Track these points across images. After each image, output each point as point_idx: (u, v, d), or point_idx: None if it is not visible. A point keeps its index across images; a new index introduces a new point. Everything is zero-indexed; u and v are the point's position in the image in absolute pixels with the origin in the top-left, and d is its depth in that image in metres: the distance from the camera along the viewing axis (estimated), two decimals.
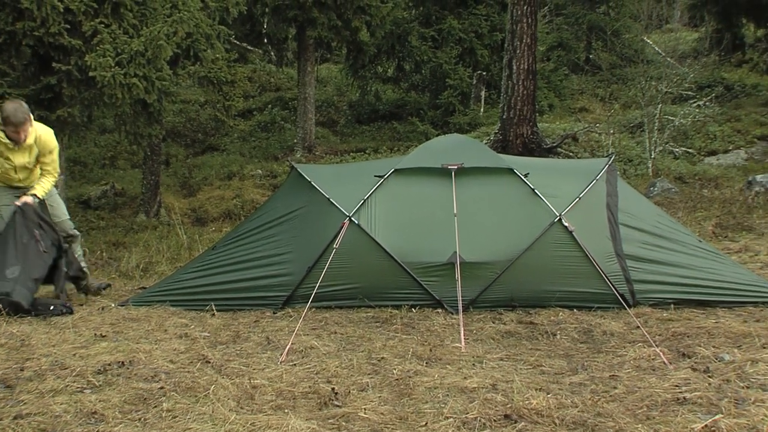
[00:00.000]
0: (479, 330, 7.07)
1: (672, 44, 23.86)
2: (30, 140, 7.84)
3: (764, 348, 5.98)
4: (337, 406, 5.06)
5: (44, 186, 8.07)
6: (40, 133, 7.93)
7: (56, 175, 8.23)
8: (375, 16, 20.88)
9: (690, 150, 18.97)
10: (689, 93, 21.03)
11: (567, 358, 6.20)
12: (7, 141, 7.81)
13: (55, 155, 8.14)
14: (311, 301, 7.27)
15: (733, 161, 18.57)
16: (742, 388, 5.13)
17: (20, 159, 7.94)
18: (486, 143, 16.97)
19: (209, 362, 5.95)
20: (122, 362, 5.81)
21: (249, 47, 22.80)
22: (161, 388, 5.28)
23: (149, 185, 16.15)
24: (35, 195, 7.94)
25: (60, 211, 8.34)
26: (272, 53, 27.56)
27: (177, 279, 8.36)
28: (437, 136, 16.15)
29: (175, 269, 9.71)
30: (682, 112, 19.55)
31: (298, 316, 7.14)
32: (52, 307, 7.46)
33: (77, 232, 8.57)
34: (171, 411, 4.88)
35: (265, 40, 22.62)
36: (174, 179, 19.37)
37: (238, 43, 19.55)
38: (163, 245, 12.50)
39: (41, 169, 8.09)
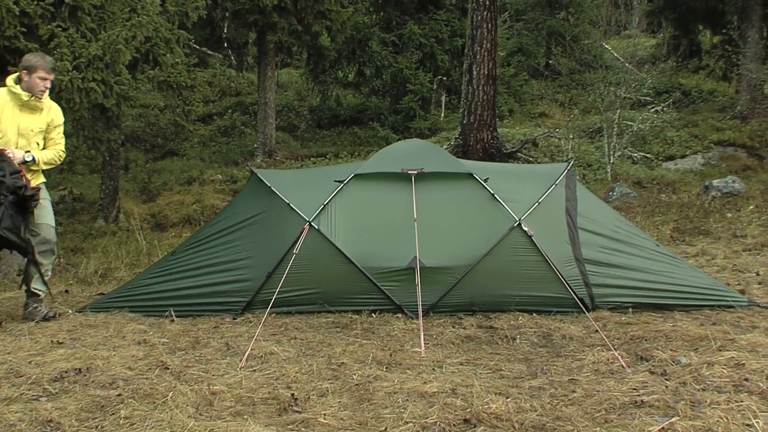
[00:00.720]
0: (439, 335, 7.07)
1: (630, 50, 24.10)
2: (47, 102, 7.39)
3: (720, 351, 6.04)
4: (297, 411, 5.03)
5: (46, 155, 7.42)
6: (53, 102, 7.54)
7: (62, 155, 7.63)
8: (335, 21, 20.88)
9: (648, 155, 19.16)
10: (647, 98, 21.23)
11: (526, 363, 6.22)
12: (24, 94, 7.18)
13: (62, 133, 7.56)
14: (271, 307, 7.24)
15: (691, 166, 18.79)
16: (698, 390, 5.18)
17: (28, 122, 7.26)
18: (446, 148, 17.03)
19: (168, 368, 5.90)
20: (79, 369, 5.75)
21: (209, 52, 22.74)
22: (119, 395, 5.23)
23: (108, 190, 16.01)
24: (30, 152, 7.25)
25: (48, 214, 7.62)
26: (232, 58, 27.50)
27: (136, 285, 8.30)
28: (398, 140, 16.17)
29: (134, 275, 9.64)
30: (640, 118, 19.73)
31: (258, 322, 7.11)
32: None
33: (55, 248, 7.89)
34: (129, 418, 4.83)
35: (226, 45, 22.58)
36: (133, 184, 19.23)
37: (197, 47, 19.47)
38: (122, 251, 12.40)
39: (47, 144, 7.46)
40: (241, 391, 5.37)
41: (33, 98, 7.21)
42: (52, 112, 7.46)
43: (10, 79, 7.25)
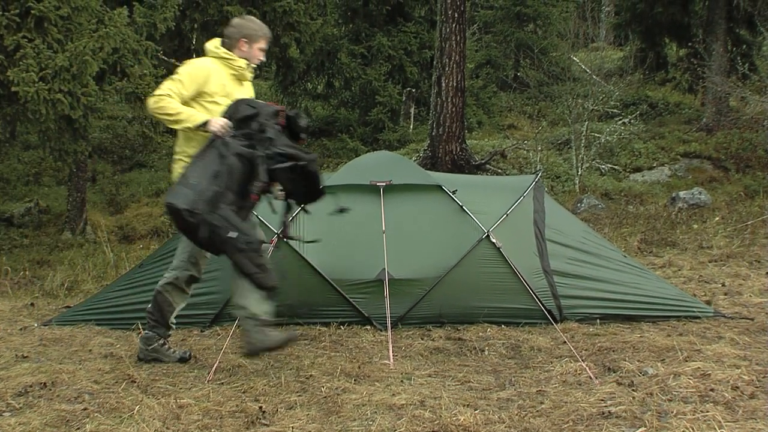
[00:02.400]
0: (408, 346, 7.08)
1: (598, 62, 24.23)
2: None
3: (686, 361, 6.08)
4: (265, 424, 5.02)
5: None
6: None
7: None
8: (304, 33, 20.83)
9: (616, 167, 19.28)
10: (615, 110, 21.39)
11: (495, 374, 6.23)
12: (241, 61, 6.46)
13: None
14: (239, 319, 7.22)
15: (658, 178, 18.92)
16: (665, 401, 5.22)
17: (238, 93, 6.45)
18: (415, 160, 17.07)
19: (135, 382, 5.86)
20: (44, 383, 5.70)
21: (177, 63, 22.58)
22: (85, 409, 5.19)
23: (75, 202, 15.88)
24: None
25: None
26: None
27: (103, 297, 8.24)
28: (367, 152, 16.19)
29: (101, 288, 9.57)
30: (608, 129, 19.86)
31: (226, 335, 7.08)
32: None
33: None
34: None
35: (194, 56, 22.45)
36: (101, 196, 19.10)
37: (166, 59, 19.27)
38: (89, 263, 12.30)
39: None
40: (208, 404, 5.35)
41: (248, 67, 6.54)
42: (251, 86, 6.80)
43: (214, 45, 6.51)
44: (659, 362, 6.14)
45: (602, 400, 5.33)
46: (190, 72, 6.21)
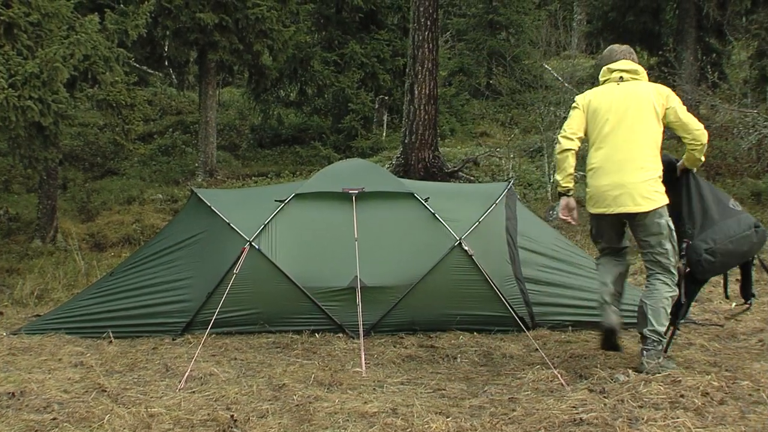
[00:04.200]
0: (380, 354, 7.09)
1: (570, 70, 24.31)
2: None
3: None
4: None
5: None
6: None
7: None
8: (277, 40, 20.81)
9: (585, 174, 19.33)
10: None
11: (467, 382, 6.24)
12: None
13: None
14: (211, 327, 7.18)
15: None
16: (636, 407, 5.24)
17: None
18: (388, 167, 17.05)
19: (105, 391, 5.83)
20: (12, 393, 5.66)
21: (149, 70, 22.44)
22: (54, 419, 5.15)
23: (45, 210, 15.73)
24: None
25: None
26: (173, 76, 27.21)
27: (73, 306, 8.19)
28: (340, 160, 16.16)
29: (72, 296, 9.50)
30: None
31: (198, 343, 7.04)
32: None
33: None
34: None
35: (166, 63, 22.29)
36: (71, 204, 18.94)
37: (138, 66, 19.21)
38: (60, 271, 12.20)
39: None
40: (179, 413, 5.32)
41: None
42: None
43: None
44: (630, 369, 6.16)
45: (574, 407, 5.34)
46: None
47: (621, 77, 6.51)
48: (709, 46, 23.31)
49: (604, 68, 6.63)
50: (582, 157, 6.63)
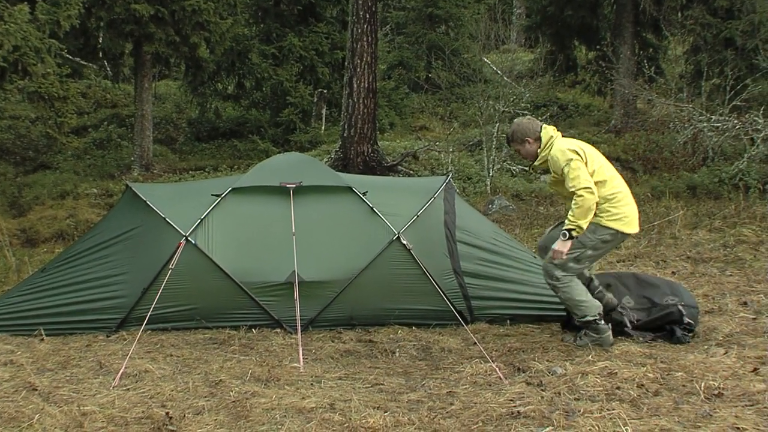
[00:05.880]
0: (318, 349, 7.08)
1: (509, 64, 24.40)
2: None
3: (594, 360, 6.19)
4: (172, 430, 4.97)
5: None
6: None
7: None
8: (214, 33, 20.66)
9: (527, 168, 19.47)
10: (525, 112, 21.57)
11: (405, 376, 6.27)
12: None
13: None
14: (146, 324, 7.12)
15: None
16: (573, 400, 5.31)
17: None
18: (327, 161, 17.04)
19: (36, 390, 5.75)
20: None
21: (83, 62, 22.13)
22: None
23: None
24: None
25: None
26: (108, 68, 26.90)
27: (3, 303, 8.02)
28: (278, 153, 16.10)
29: (2, 293, 9.33)
30: None
31: (133, 339, 6.98)
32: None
33: None
34: None
35: (101, 55, 22.02)
36: (2, 198, 18.63)
37: (71, 57, 18.95)
38: None
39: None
40: (113, 411, 5.27)
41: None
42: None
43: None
44: (568, 362, 6.24)
45: (511, 400, 5.40)
46: None
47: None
48: (646, 41, 23.65)
49: (547, 128, 7.15)
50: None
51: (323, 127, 24.28)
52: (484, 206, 15.46)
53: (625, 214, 6.90)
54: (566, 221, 6.70)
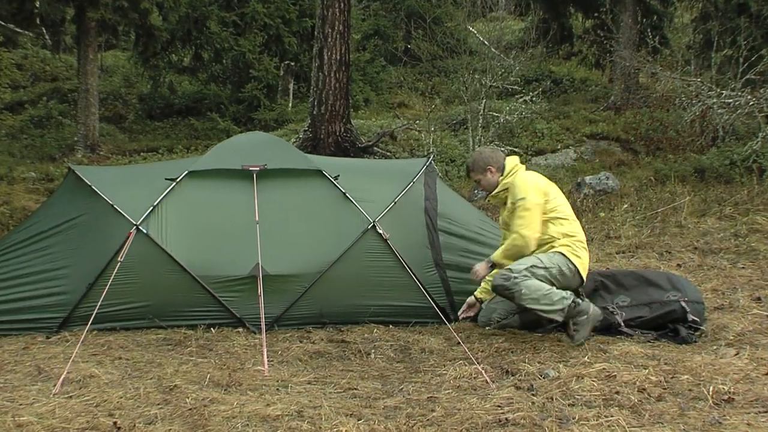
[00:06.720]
0: (285, 350, 7.08)
1: (497, 34, 24.50)
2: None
3: (591, 362, 6.22)
4: None
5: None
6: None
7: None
8: None
9: (516, 149, 19.52)
10: (515, 87, 21.66)
11: (382, 380, 6.28)
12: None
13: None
14: (91, 323, 7.04)
15: (562, 161, 19.25)
16: (567, 406, 5.33)
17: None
18: (294, 142, 17.04)
19: None
20: None
21: (17, 29, 21.99)
22: None
23: None
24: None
25: None
26: (47, 37, 26.73)
27: None
28: (240, 133, 16.08)
29: None
30: (507, 108, 20.11)
31: (76, 341, 6.93)
32: None
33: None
34: None
35: (38, 22, 21.88)
36: None
37: (3, 24, 18.84)
38: None
39: None
40: (53, 421, 5.24)
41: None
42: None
43: None
44: (561, 364, 6.26)
45: (499, 406, 5.41)
46: None
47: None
48: (649, 8, 23.73)
49: (513, 158, 7.65)
50: None
51: (290, 104, 24.26)
52: (468, 191, 15.50)
53: (582, 256, 7.27)
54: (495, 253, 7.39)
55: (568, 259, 7.11)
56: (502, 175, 7.42)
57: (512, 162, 7.49)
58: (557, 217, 7.24)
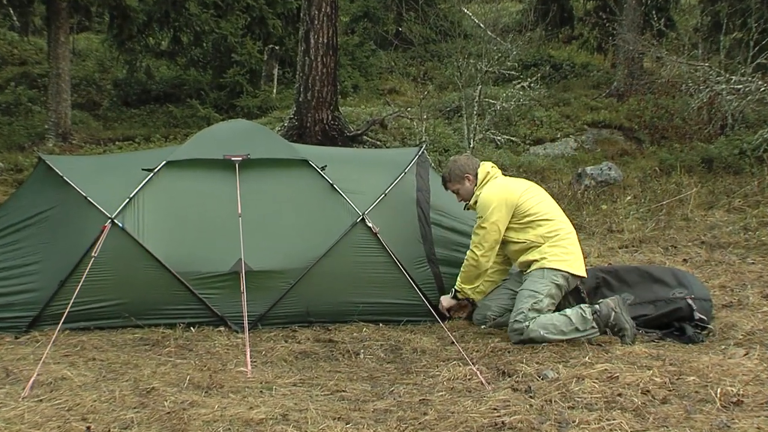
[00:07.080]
0: (269, 351, 7.08)
1: (493, 16, 24.50)
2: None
3: (592, 362, 6.22)
4: None
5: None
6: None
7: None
8: None
9: (514, 138, 19.54)
10: (513, 73, 21.63)
11: (371, 381, 6.28)
12: None
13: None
14: (63, 322, 7.02)
15: (562, 151, 19.24)
16: (566, 408, 5.33)
17: None
18: (279, 131, 17.01)
19: None
20: None
21: None
22: None
23: None
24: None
25: None
26: (14, 18, 26.66)
27: None
28: (222, 121, 16.05)
29: None
30: (504, 95, 20.07)
31: (47, 341, 6.91)
32: None
33: None
34: None
35: (5, 2, 21.84)
36: None
37: None
38: None
39: None
40: (22, 426, 5.22)
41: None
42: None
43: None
44: (561, 364, 6.27)
45: (495, 409, 5.41)
46: None
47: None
48: None
49: (485, 164, 7.87)
50: None
51: (275, 90, 24.22)
52: None
53: (570, 252, 7.42)
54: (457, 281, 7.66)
55: (555, 269, 7.22)
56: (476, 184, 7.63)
57: (483, 170, 7.71)
58: (535, 219, 7.44)
